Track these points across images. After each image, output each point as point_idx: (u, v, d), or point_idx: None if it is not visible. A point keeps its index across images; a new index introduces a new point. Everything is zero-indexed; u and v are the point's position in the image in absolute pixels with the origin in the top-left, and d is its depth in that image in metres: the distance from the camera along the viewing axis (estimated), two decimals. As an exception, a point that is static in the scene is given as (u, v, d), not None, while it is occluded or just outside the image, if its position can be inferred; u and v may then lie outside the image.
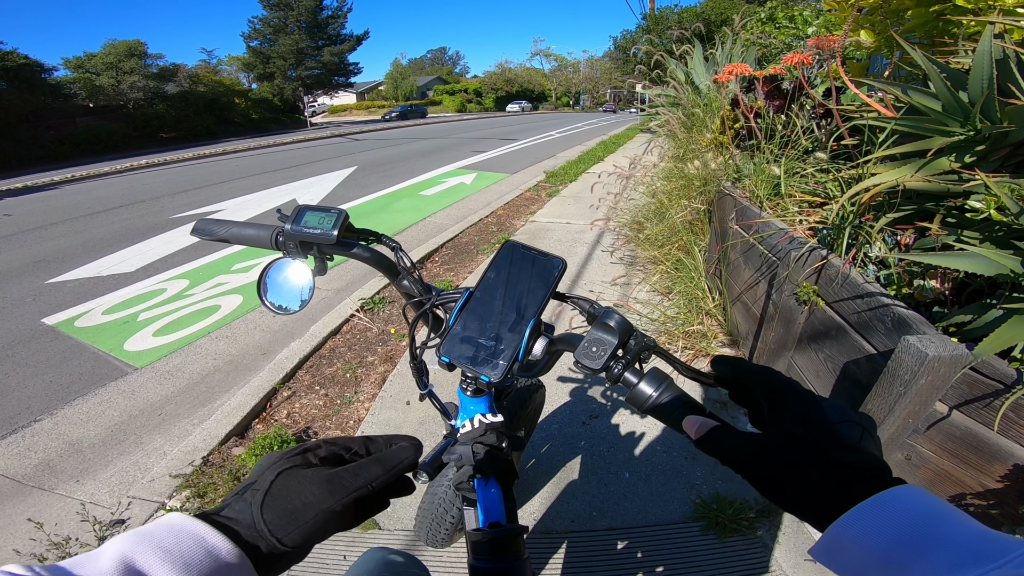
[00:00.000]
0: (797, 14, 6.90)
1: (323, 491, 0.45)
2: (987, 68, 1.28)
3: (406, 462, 0.51)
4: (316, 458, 0.49)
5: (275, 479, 0.46)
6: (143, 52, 24.37)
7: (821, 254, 1.65)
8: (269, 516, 0.43)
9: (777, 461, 0.42)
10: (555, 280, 0.68)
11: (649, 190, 3.94)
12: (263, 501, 0.44)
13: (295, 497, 0.45)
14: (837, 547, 0.37)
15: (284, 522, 0.44)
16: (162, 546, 0.37)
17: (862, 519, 0.36)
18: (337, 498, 0.46)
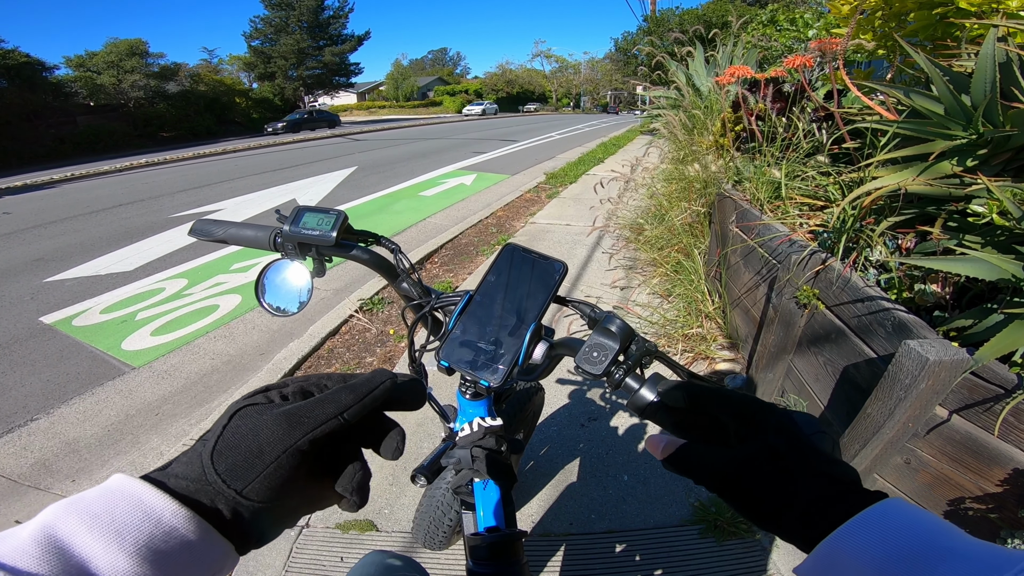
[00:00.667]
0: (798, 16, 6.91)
1: (282, 427, 0.37)
2: (990, 71, 1.28)
3: (381, 388, 0.42)
4: (280, 396, 0.41)
5: (228, 422, 0.38)
6: (144, 51, 24.40)
7: (822, 257, 1.64)
8: (223, 465, 0.36)
9: (763, 476, 0.40)
10: (556, 284, 0.68)
11: (649, 192, 3.94)
12: (214, 449, 0.36)
13: (251, 439, 0.37)
14: (831, 563, 0.35)
15: (241, 470, 0.36)
16: (90, 511, 0.31)
17: (860, 532, 0.34)
18: (300, 433, 0.37)
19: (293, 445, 0.37)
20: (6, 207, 8.50)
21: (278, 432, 0.37)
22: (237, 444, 0.36)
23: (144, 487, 0.33)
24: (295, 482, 0.38)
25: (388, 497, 1.89)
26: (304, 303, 0.86)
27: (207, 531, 0.34)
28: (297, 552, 1.69)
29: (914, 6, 2.03)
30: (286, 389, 0.42)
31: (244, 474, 0.36)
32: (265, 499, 0.36)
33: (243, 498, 0.35)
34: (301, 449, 0.37)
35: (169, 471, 0.36)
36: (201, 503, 0.34)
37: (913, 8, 2.05)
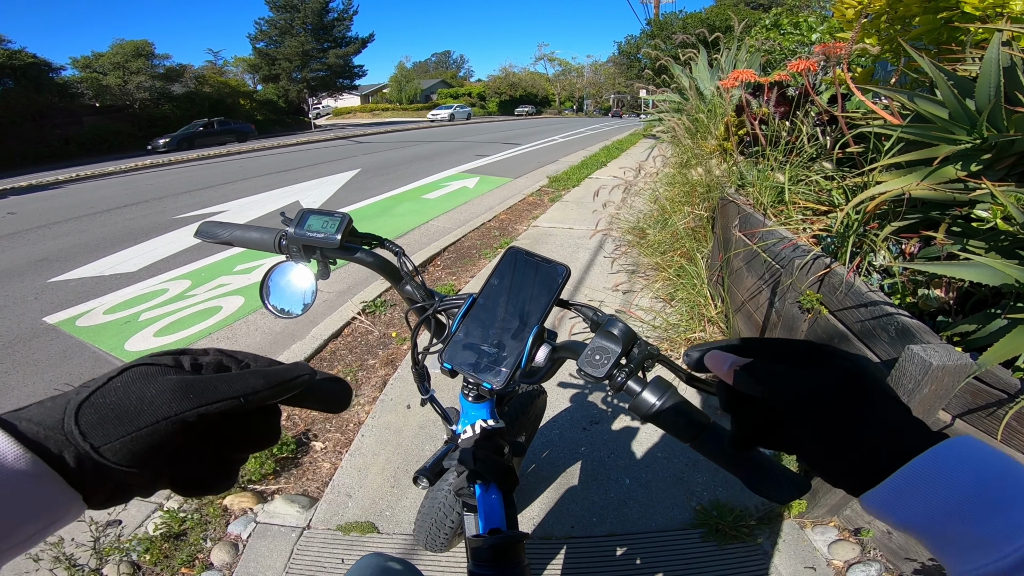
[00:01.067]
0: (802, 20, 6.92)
1: (174, 394, 0.34)
2: (994, 76, 1.28)
3: (297, 381, 0.40)
4: (192, 363, 0.38)
5: (116, 375, 0.35)
6: (150, 52, 24.47)
7: (825, 262, 1.64)
8: (88, 417, 0.32)
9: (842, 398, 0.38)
10: (559, 287, 0.68)
11: (652, 196, 3.94)
12: (85, 399, 0.33)
13: (133, 397, 0.33)
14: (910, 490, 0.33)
15: (108, 426, 0.32)
16: None
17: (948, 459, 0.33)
18: (190, 404, 0.34)
19: (178, 415, 0.34)
20: (11, 207, 8.53)
21: (166, 398, 0.34)
22: (115, 400, 0.33)
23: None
24: (166, 454, 0.35)
25: (389, 500, 1.89)
26: (308, 305, 0.86)
27: (48, 475, 0.31)
28: (298, 553, 1.69)
29: (919, 10, 2.03)
30: (203, 358, 0.39)
31: (110, 431, 0.32)
32: (123, 462, 0.33)
33: (97, 454, 0.32)
34: (187, 420, 0.34)
35: (23, 413, 0.33)
36: (48, 450, 0.31)
37: (918, 12, 2.05)
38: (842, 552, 1.60)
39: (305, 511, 1.85)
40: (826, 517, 1.72)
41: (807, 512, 1.72)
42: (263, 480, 2.02)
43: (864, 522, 1.63)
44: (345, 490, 1.94)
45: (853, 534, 1.66)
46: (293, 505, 1.86)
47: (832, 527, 1.69)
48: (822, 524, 1.70)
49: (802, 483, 0.49)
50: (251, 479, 2.00)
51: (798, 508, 1.72)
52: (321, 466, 2.10)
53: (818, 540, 1.66)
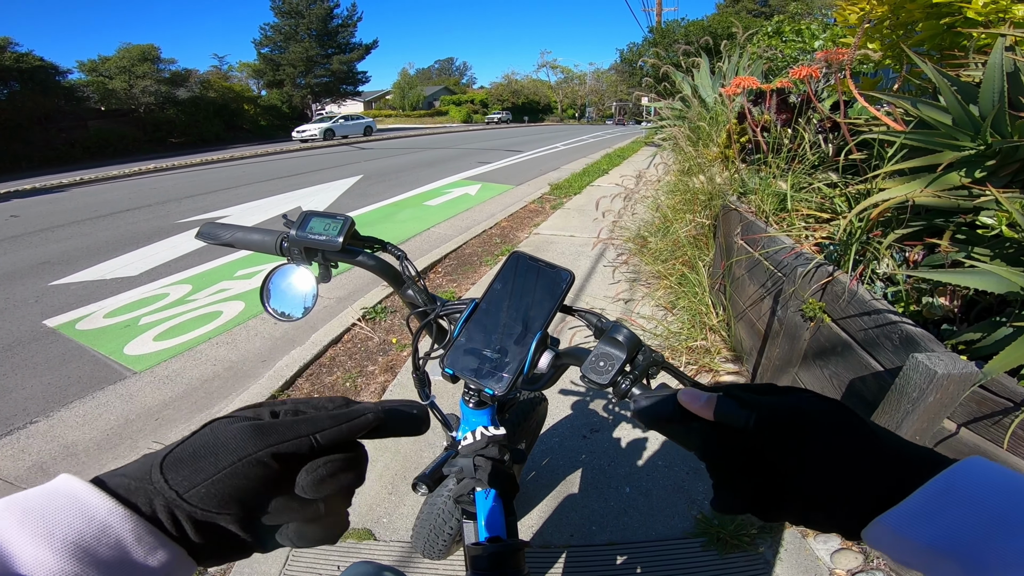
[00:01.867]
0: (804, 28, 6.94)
1: (247, 437, 0.36)
2: (998, 81, 1.27)
3: (361, 420, 0.41)
4: (271, 413, 0.40)
5: (198, 430, 0.37)
6: (156, 56, 24.58)
7: (828, 270, 1.63)
8: (173, 468, 0.34)
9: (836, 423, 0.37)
10: (562, 293, 0.67)
11: (653, 204, 3.93)
12: (171, 451, 0.35)
13: (210, 444, 0.35)
14: (934, 509, 0.31)
15: (190, 473, 0.34)
16: (26, 507, 0.30)
17: (972, 476, 0.31)
18: (263, 444, 0.36)
19: (252, 455, 0.35)
20: (15, 210, 8.56)
21: (240, 441, 0.35)
22: (196, 450, 0.35)
23: (82, 484, 0.32)
24: (252, 496, 0.35)
25: (387, 506, 1.87)
26: (309, 308, 0.85)
27: (146, 531, 0.32)
28: (293, 560, 1.67)
29: (921, 16, 2.03)
30: (280, 407, 0.41)
31: (191, 477, 0.34)
32: (209, 506, 0.33)
33: (184, 501, 0.33)
34: (261, 460, 0.35)
35: (118, 470, 0.35)
36: (137, 503, 0.32)
37: (920, 18, 2.04)
38: (845, 561, 1.58)
39: (303, 517, 1.83)
40: (829, 527, 1.70)
41: (810, 522, 1.70)
42: (261, 485, 2.00)
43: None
44: (343, 496, 1.92)
45: (856, 543, 1.64)
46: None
47: (834, 535, 1.67)
48: (824, 533, 1.68)
49: None
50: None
51: (800, 517, 1.70)
52: (319, 472, 2.09)
53: (820, 549, 1.64)
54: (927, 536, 0.31)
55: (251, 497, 0.35)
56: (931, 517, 0.31)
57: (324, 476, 0.38)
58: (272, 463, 0.36)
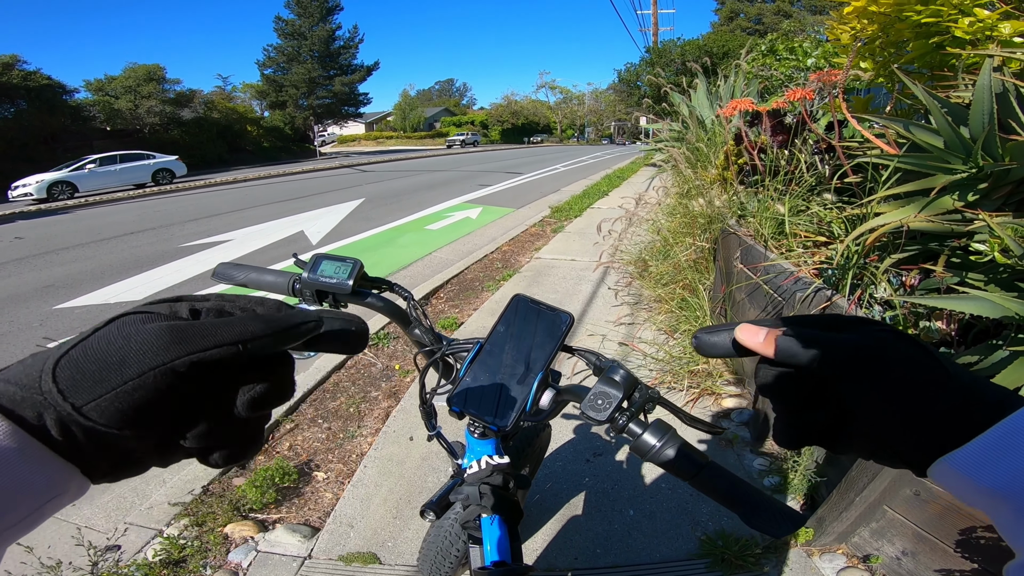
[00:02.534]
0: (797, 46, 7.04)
1: (162, 340, 0.30)
2: (987, 103, 1.30)
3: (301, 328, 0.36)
4: (191, 310, 0.34)
5: (103, 326, 0.30)
6: (162, 76, 24.84)
7: (826, 295, 1.65)
8: (67, 373, 0.28)
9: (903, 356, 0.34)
10: (563, 335, 0.72)
11: (653, 228, 3.96)
12: (66, 353, 0.29)
13: (116, 348, 0.29)
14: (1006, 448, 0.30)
15: (90, 382, 0.28)
16: None
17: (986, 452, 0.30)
18: (182, 351, 0.30)
19: (167, 363, 0.29)
20: (20, 232, 8.63)
21: (155, 345, 0.29)
22: (99, 353, 0.29)
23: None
24: (165, 413, 0.30)
25: (391, 530, 1.87)
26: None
27: (32, 446, 0.27)
28: (300, 586, 1.67)
29: (911, 35, 2.06)
30: (203, 304, 0.35)
31: (91, 387, 0.28)
32: (112, 423, 0.28)
33: (80, 415, 0.28)
34: (177, 371, 0.29)
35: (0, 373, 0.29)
36: (23, 415, 0.27)
37: (910, 37, 2.07)
38: (851, 584, 1.58)
39: (307, 541, 1.83)
40: (834, 544, 1.70)
41: (814, 540, 1.70)
42: (264, 509, 2.00)
43: (873, 548, 1.61)
44: (347, 520, 1.93)
45: (862, 561, 1.63)
46: (294, 535, 1.85)
47: (840, 554, 1.67)
48: (830, 551, 1.68)
49: (797, 517, 0.51)
50: (252, 507, 1.99)
51: (805, 536, 1.70)
52: (323, 496, 2.09)
53: (826, 568, 1.63)
54: (988, 479, 0.30)
55: (161, 413, 0.30)
56: (994, 460, 0.30)
57: (260, 395, 0.34)
58: (191, 372, 0.30)
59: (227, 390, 0.34)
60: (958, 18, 1.82)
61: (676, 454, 0.58)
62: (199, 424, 0.33)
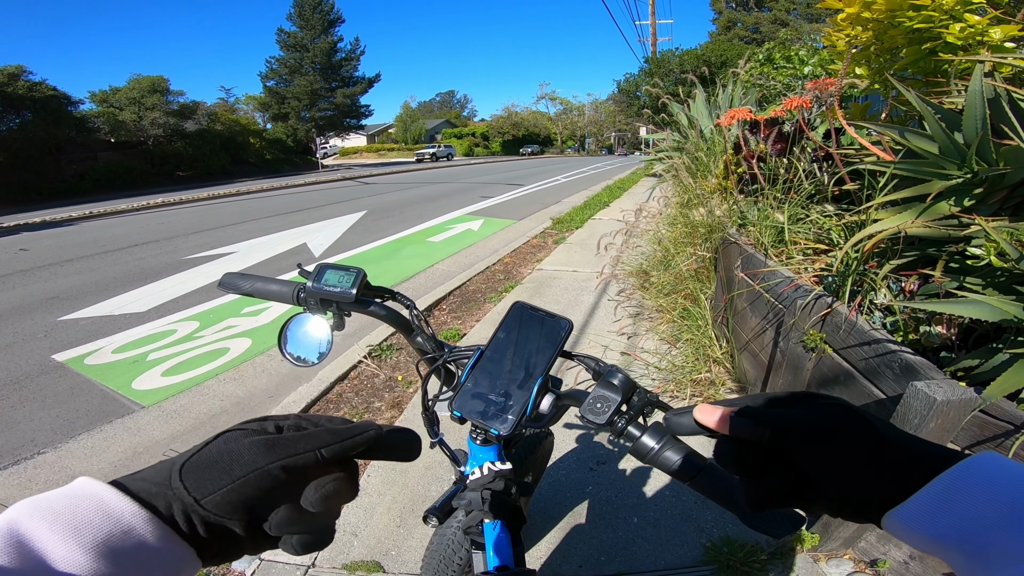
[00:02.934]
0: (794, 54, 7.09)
1: (259, 450, 0.39)
2: (979, 108, 1.32)
3: (363, 437, 0.43)
4: (276, 427, 0.43)
5: (211, 440, 0.40)
6: (165, 88, 24.81)
7: (827, 302, 1.66)
8: (190, 475, 0.37)
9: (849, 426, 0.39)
10: (562, 341, 0.73)
11: (654, 238, 3.97)
12: (187, 460, 0.38)
13: (227, 455, 0.39)
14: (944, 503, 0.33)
15: (207, 481, 0.37)
16: (52, 509, 0.32)
17: (980, 471, 0.33)
18: (274, 457, 0.39)
19: (263, 467, 0.38)
20: (24, 243, 8.67)
21: (253, 454, 0.39)
22: (211, 459, 0.38)
23: (105, 488, 0.34)
24: (260, 504, 0.39)
25: (395, 539, 1.87)
26: (324, 354, 0.90)
27: (165, 533, 0.35)
28: (303, 596, 1.67)
29: (904, 41, 2.07)
30: (284, 422, 0.44)
31: (208, 485, 0.37)
32: (224, 512, 0.37)
33: (200, 506, 0.36)
34: (271, 472, 0.38)
35: (136, 475, 0.38)
36: (158, 506, 0.35)
37: (904, 43, 2.08)
38: (856, 591, 1.57)
39: (311, 552, 1.83)
40: (840, 549, 1.69)
41: (820, 545, 1.70)
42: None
43: (880, 553, 1.61)
44: (351, 529, 1.93)
45: (869, 565, 1.63)
46: (299, 546, 1.84)
47: (847, 559, 1.66)
48: (836, 556, 1.68)
49: (797, 518, 0.51)
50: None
51: (811, 541, 1.70)
52: (327, 506, 2.09)
53: (833, 573, 1.63)
54: (932, 530, 0.33)
55: (259, 505, 0.39)
56: (933, 513, 0.33)
57: (331, 492, 0.41)
58: (281, 475, 0.39)
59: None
60: (949, 24, 1.84)
61: (675, 456, 0.58)
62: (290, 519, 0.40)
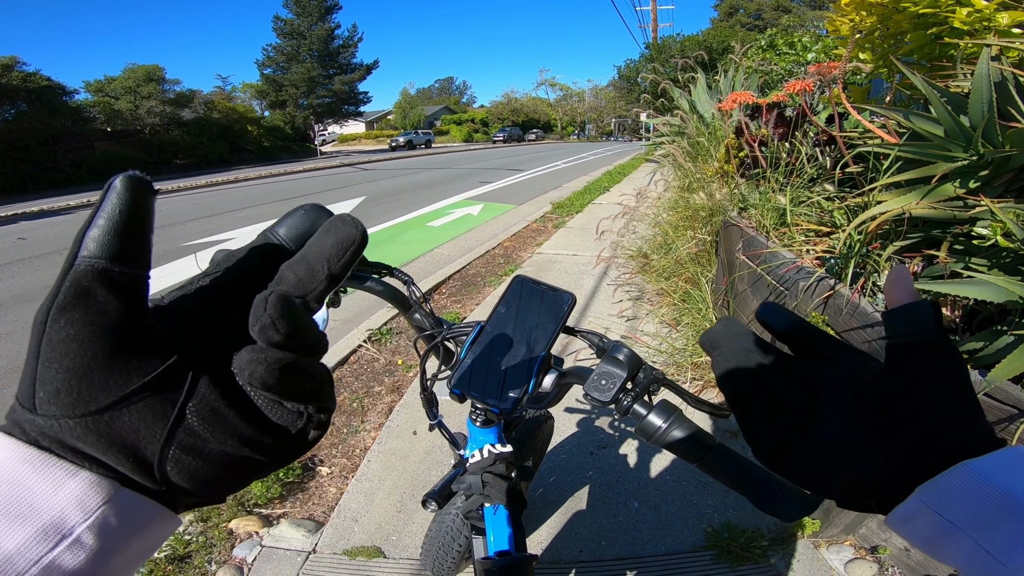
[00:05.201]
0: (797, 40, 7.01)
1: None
2: (986, 91, 1.30)
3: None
4: None
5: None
6: (161, 77, 24.69)
7: (829, 284, 1.65)
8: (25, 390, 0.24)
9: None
10: (565, 315, 0.69)
11: (654, 221, 3.95)
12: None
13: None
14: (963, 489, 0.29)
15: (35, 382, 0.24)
16: None
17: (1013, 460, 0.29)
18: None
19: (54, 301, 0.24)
20: (22, 232, 8.64)
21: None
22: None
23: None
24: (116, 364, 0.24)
25: (396, 524, 1.88)
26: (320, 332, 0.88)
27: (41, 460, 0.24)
28: None
29: (909, 26, 2.05)
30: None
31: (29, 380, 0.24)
32: (63, 408, 0.24)
33: (37, 415, 0.24)
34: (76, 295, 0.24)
35: None
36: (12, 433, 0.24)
37: (908, 28, 2.06)
38: (859, 571, 1.58)
39: (311, 535, 1.84)
40: (841, 536, 1.70)
41: (821, 531, 1.70)
42: (269, 504, 2.01)
43: (881, 540, 1.61)
44: (351, 515, 1.93)
45: (870, 552, 1.63)
46: (299, 529, 1.85)
47: (848, 546, 1.67)
48: (837, 543, 1.68)
49: (810, 501, 0.49)
50: (257, 502, 2.00)
51: (812, 528, 1.70)
52: (327, 491, 2.09)
53: (834, 559, 1.63)
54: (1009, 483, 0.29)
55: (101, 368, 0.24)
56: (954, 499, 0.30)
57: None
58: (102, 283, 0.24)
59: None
60: (956, 9, 1.81)
61: (683, 435, 0.56)
62: None
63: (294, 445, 0.30)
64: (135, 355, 0.25)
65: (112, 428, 0.24)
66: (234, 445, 0.27)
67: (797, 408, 0.35)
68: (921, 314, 0.32)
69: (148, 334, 0.26)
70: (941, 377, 0.32)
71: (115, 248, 0.24)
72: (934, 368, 0.32)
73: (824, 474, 0.34)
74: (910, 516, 0.31)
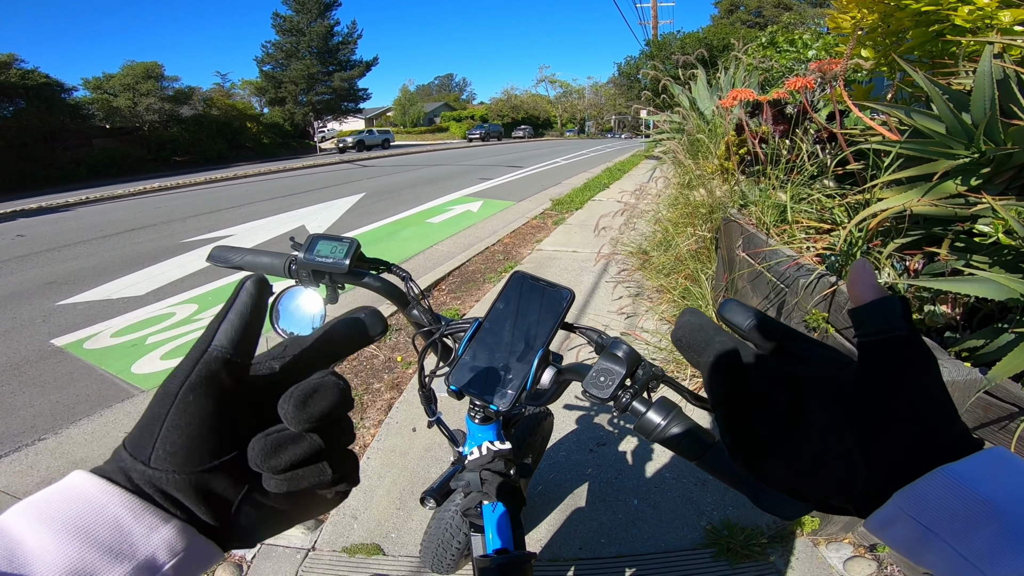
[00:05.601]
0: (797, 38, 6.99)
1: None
2: (988, 89, 1.30)
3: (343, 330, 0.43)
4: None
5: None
6: (160, 74, 24.69)
7: (830, 281, 1.64)
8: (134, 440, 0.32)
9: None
10: (563, 311, 0.69)
11: (654, 218, 3.94)
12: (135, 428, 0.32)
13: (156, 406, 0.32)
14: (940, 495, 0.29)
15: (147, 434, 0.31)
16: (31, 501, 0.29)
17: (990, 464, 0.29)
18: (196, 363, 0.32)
19: (187, 378, 0.31)
20: (21, 229, 8.63)
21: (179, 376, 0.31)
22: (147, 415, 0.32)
23: (80, 473, 0.30)
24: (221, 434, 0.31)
25: (395, 521, 1.88)
26: (317, 329, 0.86)
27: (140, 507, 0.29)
28: (302, 575, 1.68)
29: (911, 23, 2.05)
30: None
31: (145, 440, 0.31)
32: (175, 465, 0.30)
33: (150, 468, 0.30)
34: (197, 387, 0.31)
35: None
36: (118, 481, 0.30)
37: (910, 25, 2.06)
38: (858, 569, 1.58)
39: (310, 532, 1.84)
40: (840, 534, 1.70)
41: (820, 529, 1.70)
42: (268, 503, 2.01)
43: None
44: (351, 512, 1.93)
45: (869, 550, 1.63)
46: (298, 526, 1.85)
47: (847, 544, 1.67)
48: (836, 541, 1.68)
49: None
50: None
51: (811, 525, 1.70)
52: (327, 488, 2.09)
53: (832, 557, 1.63)
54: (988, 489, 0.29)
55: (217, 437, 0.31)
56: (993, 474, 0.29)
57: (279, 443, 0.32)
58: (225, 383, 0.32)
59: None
60: (958, 6, 1.81)
61: (682, 433, 0.55)
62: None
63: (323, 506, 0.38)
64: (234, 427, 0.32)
65: (207, 484, 0.31)
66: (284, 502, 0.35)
67: (783, 409, 0.35)
68: (891, 310, 0.32)
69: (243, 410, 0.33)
70: (916, 377, 0.32)
71: (238, 341, 0.32)
72: (908, 367, 0.32)
73: (806, 478, 0.34)
74: (888, 522, 0.31)
